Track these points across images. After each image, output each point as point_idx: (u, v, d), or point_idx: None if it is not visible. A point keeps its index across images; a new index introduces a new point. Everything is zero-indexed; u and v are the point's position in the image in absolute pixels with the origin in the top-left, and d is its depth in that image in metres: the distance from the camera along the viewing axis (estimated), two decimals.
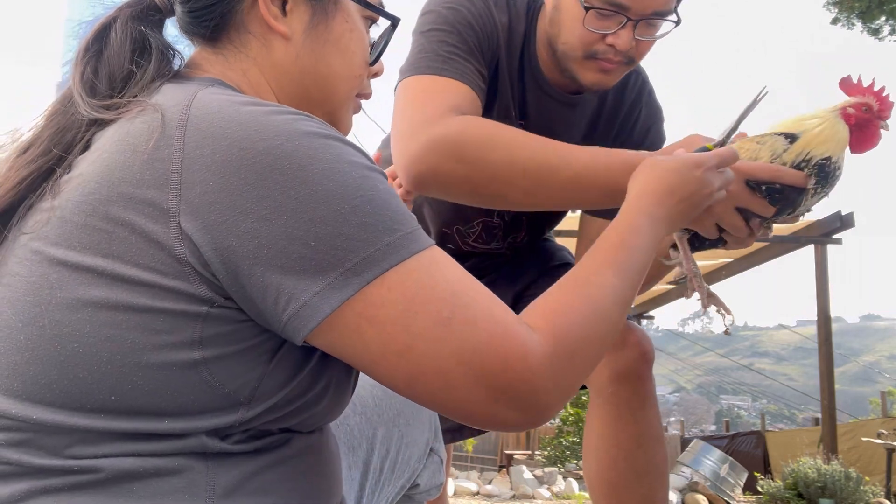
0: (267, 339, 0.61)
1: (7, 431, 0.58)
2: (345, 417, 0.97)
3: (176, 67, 0.73)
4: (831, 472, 5.90)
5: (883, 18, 10.05)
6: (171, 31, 0.76)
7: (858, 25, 10.24)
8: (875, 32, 10.26)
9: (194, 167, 0.57)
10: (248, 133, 0.58)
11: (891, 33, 10.25)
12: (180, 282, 0.57)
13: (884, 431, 7.22)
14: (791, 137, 1.03)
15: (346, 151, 0.61)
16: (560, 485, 7.34)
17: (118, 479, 0.57)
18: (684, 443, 9.14)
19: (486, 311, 0.61)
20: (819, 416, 8.82)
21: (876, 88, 1.03)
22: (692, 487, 6.37)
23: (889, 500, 6.01)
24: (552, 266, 1.56)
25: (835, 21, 10.37)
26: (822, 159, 1.02)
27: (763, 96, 0.95)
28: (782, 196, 1.02)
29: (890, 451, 6.54)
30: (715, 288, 1.34)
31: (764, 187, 1.01)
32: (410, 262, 0.60)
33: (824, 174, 1.02)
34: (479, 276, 1.52)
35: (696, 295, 1.12)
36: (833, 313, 6.96)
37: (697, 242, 1.12)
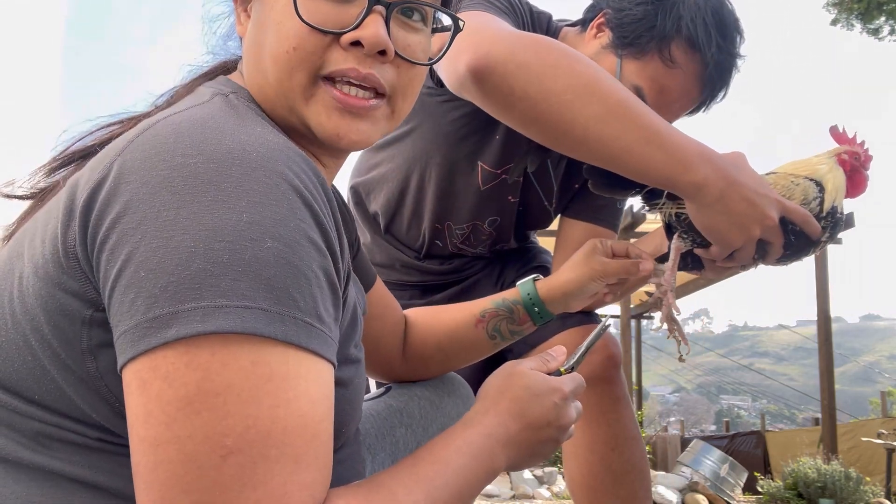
0: None
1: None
2: (391, 428, 0.96)
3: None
4: (831, 472, 5.90)
5: (882, 19, 10.05)
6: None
7: (858, 26, 10.24)
8: (875, 33, 10.26)
9: (118, 168, 0.54)
10: (176, 145, 0.53)
11: (890, 34, 10.25)
12: (68, 277, 0.54)
13: (884, 431, 7.22)
14: (819, 185, 1.06)
15: (264, 192, 0.51)
16: (560, 485, 7.33)
17: (70, 482, 0.55)
18: (684, 443, 9.13)
19: (282, 487, 0.47)
20: (819, 416, 8.82)
21: (858, 141, 1.10)
22: (692, 487, 6.37)
23: (889, 500, 6.01)
24: (531, 268, 1.57)
25: (834, 22, 10.36)
26: (840, 212, 1.06)
27: (605, 329, 0.99)
28: (796, 242, 1.04)
29: (890, 451, 6.54)
30: (715, 288, 1.32)
31: (790, 227, 1.02)
32: (241, 348, 0.47)
33: (835, 225, 1.06)
34: (464, 277, 1.57)
35: (662, 316, 1.11)
36: (833, 313, 6.97)
37: (681, 261, 1.12)
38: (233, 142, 0.53)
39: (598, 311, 1.53)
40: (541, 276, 1.14)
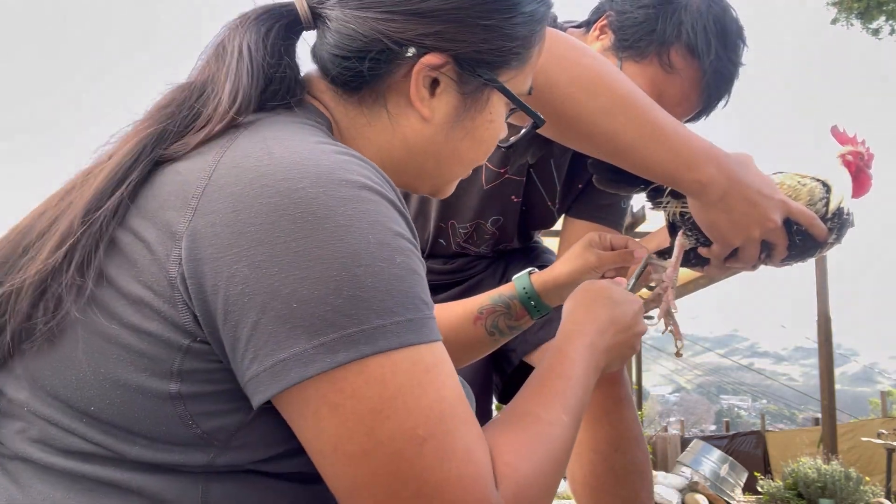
0: None
1: (19, 420, 0.59)
2: None
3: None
4: (831, 472, 5.91)
5: (882, 19, 10.06)
6: None
7: (857, 25, 10.25)
8: (875, 33, 10.27)
9: (215, 195, 0.55)
10: (276, 169, 0.55)
11: (890, 33, 10.26)
12: (169, 307, 0.55)
13: (884, 431, 7.23)
14: (825, 186, 1.05)
15: (375, 210, 0.56)
16: (561, 485, 7.33)
17: (96, 488, 0.56)
18: (684, 443, 9.14)
19: (465, 447, 0.55)
20: (819, 416, 8.83)
21: (859, 140, 1.10)
22: (692, 487, 6.38)
23: (889, 500, 6.01)
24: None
25: (834, 21, 10.38)
26: (847, 213, 1.05)
27: (650, 260, 1.05)
28: (802, 244, 1.03)
29: (890, 451, 6.54)
30: (716, 287, 1.32)
31: (795, 228, 1.01)
32: (400, 356, 0.54)
33: (842, 226, 1.05)
34: (467, 277, 1.57)
35: (657, 312, 1.10)
36: (833, 313, 6.96)
37: (685, 258, 1.10)
38: (328, 160, 0.57)
39: None
40: (536, 270, 1.14)
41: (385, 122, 0.71)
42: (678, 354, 1.10)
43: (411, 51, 0.67)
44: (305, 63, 0.74)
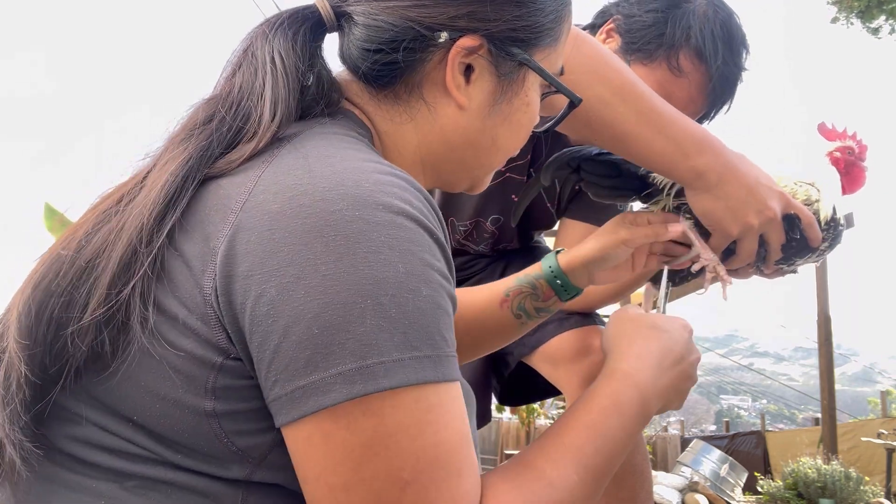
0: None
1: (67, 422, 0.58)
2: None
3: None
4: (831, 472, 5.91)
5: (882, 18, 10.06)
6: None
7: (857, 25, 10.25)
8: (874, 32, 10.27)
9: (253, 211, 0.54)
10: (315, 188, 0.54)
11: (890, 33, 10.25)
12: (203, 324, 0.54)
13: (884, 431, 7.23)
14: (819, 191, 1.04)
15: (409, 238, 0.54)
16: None
17: (144, 485, 0.56)
18: (684, 443, 9.15)
19: (449, 500, 0.52)
20: (819, 416, 8.83)
21: (850, 133, 1.08)
22: (692, 487, 6.38)
23: (889, 500, 6.01)
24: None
25: (834, 20, 10.37)
26: (842, 224, 1.04)
27: (669, 287, 1.06)
28: (795, 246, 1.02)
29: (890, 451, 6.55)
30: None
31: (793, 224, 1.00)
32: (407, 394, 0.52)
33: (836, 237, 1.04)
34: (467, 277, 1.57)
35: (712, 287, 1.06)
36: (833, 313, 6.96)
37: (678, 276, 1.09)
38: (369, 182, 0.55)
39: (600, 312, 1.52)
40: (564, 249, 1.10)
41: (425, 113, 0.70)
42: (724, 297, 1.07)
43: (444, 35, 0.66)
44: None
